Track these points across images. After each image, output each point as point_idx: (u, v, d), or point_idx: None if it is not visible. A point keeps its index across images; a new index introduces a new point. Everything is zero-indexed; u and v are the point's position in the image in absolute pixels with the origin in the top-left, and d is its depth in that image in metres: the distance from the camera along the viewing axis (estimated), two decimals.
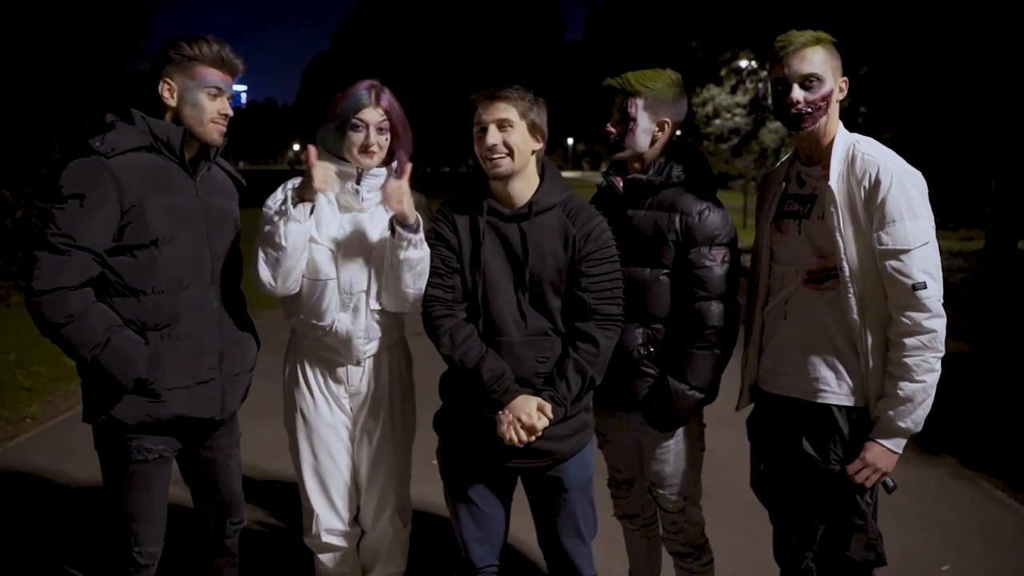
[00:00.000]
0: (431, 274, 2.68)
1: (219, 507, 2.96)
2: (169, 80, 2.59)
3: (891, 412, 2.47)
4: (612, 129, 2.85)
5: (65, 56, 12.45)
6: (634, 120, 2.82)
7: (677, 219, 2.77)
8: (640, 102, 2.81)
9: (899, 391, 2.45)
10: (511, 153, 2.56)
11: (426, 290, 2.68)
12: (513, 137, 2.56)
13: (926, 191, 2.50)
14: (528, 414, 2.49)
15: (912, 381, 2.44)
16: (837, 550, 2.64)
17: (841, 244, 2.50)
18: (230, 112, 2.68)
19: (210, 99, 2.61)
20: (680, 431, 2.90)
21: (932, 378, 2.45)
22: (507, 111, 2.55)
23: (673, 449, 2.91)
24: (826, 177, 2.54)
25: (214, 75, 2.60)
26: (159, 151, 2.61)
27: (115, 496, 2.70)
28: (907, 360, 2.44)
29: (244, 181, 2.98)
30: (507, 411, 2.50)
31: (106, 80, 13.66)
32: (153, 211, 2.53)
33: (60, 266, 2.44)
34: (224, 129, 2.68)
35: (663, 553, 3.24)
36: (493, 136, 2.55)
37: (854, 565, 2.63)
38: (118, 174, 2.49)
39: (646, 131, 2.84)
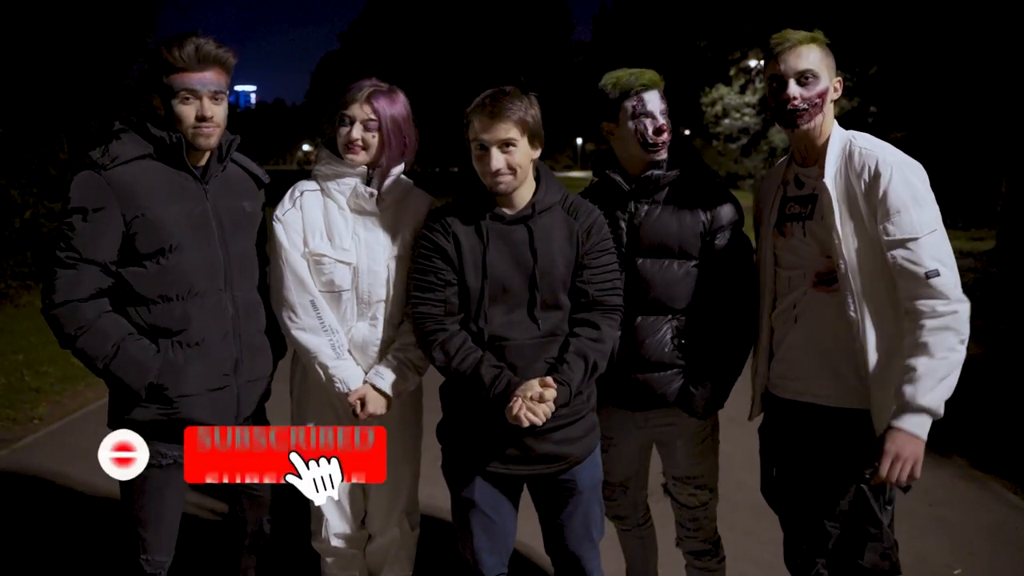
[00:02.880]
0: (421, 290, 2.61)
1: (258, 505, 2.95)
2: (156, 93, 2.56)
3: (909, 388, 2.34)
4: (666, 124, 2.76)
5: (71, 55, 12.47)
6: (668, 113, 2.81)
7: (701, 210, 2.78)
8: (662, 95, 2.80)
9: (917, 368, 2.33)
10: (514, 173, 2.52)
11: (417, 307, 2.62)
12: (516, 157, 2.50)
13: (927, 180, 2.45)
14: (534, 390, 2.43)
15: (931, 358, 2.32)
16: (850, 558, 2.61)
17: (838, 242, 2.47)
18: (208, 113, 2.53)
19: (184, 105, 2.52)
20: (707, 423, 2.92)
21: (954, 358, 2.33)
22: (510, 131, 2.48)
23: (700, 441, 2.93)
24: (823, 175, 2.52)
25: (184, 79, 2.50)
26: (162, 158, 2.59)
27: (126, 501, 2.68)
28: (926, 339, 2.33)
29: (265, 178, 2.91)
30: (514, 397, 2.44)
31: (113, 79, 13.68)
32: (158, 220, 2.53)
33: (70, 280, 2.50)
34: (209, 131, 2.56)
35: (670, 555, 3.23)
36: (497, 160, 2.49)
37: (867, 574, 2.59)
38: (118, 186, 2.50)
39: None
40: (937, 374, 2.32)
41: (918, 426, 2.35)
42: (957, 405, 2.46)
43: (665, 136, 2.76)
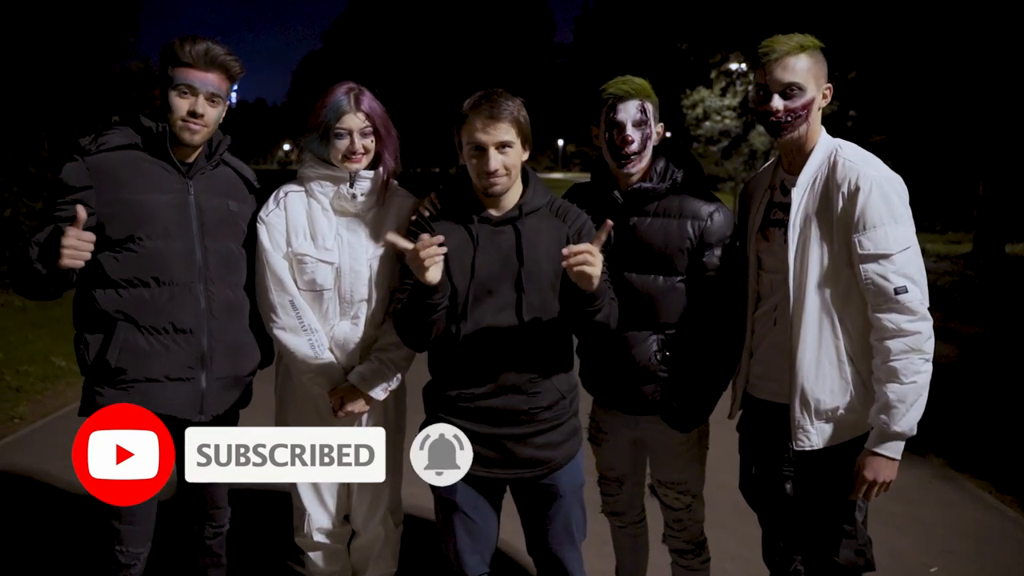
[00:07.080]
0: (403, 291, 2.62)
1: (199, 512, 2.94)
2: (159, 84, 2.63)
3: (883, 417, 2.44)
4: (633, 136, 2.72)
5: (53, 54, 12.39)
6: (650, 126, 2.77)
7: (689, 225, 2.74)
8: (650, 107, 2.77)
9: (889, 395, 2.42)
10: (509, 174, 2.53)
11: (398, 293, 2.67)
12: (511, 158, 2.52)
13: (907, 197, 2.49)
14: None
15: (901, 383, 2.41)
16: (826, 555, 2.65)
17: (790, 248, 2.54)
18: (200, 111, 2.59)
19: (180, 98, 2.59)
20: (693, 433, 2.91)
21: (922, 379, 2.43)
22: (507, 132, 2.49)
23: (686, 449, 2.93)
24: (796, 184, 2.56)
25: (187, 74, 2.58)
26: (148, 149, 2.64)
27: None
28: (893, 364, 2.42)
29: (257, 183, 2.95)
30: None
31: (95, 78, 13.62)
32: (134, 206, 2.58)
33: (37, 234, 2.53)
34: (196, 128, 2.61)
35: (657, 554, 3.26)
36: (495, 161, 2.49)
37: (842, 570, 2.63)
38: (98, 170, 2.57)
39: (655, 137, 2.81)
40: (908, 399, 2.42)
41: (893, 450, 2.47)
42: (933, 406, 2.51)
43: (633, 147, 2.73)
